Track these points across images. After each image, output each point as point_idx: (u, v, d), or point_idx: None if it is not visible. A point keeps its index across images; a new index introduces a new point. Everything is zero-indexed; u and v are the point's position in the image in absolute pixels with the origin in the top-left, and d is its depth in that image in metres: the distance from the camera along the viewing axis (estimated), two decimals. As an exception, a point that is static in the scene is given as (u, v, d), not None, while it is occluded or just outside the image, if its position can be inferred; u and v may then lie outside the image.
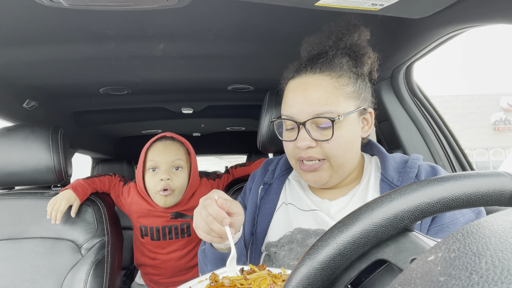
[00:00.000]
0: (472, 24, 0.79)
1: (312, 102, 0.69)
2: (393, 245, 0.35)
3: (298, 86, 0.73)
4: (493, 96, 15.91)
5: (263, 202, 0.83)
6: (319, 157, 0.71)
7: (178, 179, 1.19)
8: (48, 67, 1.17)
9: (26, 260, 1.12)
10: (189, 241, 1.27)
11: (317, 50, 0.77)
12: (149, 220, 1.25)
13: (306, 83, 0.72)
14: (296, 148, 0.72)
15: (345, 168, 0.73)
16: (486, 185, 0.35)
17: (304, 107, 0.70)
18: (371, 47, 0.77)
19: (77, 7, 0.76)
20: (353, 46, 0.75)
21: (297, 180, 0.86)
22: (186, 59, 1.17)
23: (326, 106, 0.69)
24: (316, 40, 0.78)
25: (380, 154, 0.82)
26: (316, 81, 0.71)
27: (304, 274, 0.34)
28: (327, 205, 0.76)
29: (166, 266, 1.27)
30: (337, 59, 0.73)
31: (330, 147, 0.69)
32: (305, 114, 0.70)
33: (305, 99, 0.70)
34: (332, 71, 0.71)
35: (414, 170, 0.74)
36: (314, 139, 0.69)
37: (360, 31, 0.75)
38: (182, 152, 1.22)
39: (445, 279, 0.20)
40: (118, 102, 1.65)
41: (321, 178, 0.73)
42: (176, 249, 1.26)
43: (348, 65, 0.73)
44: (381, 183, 0.74)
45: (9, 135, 1.17)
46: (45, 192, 1.23)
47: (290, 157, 0.76)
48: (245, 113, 2.10)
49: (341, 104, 0.70)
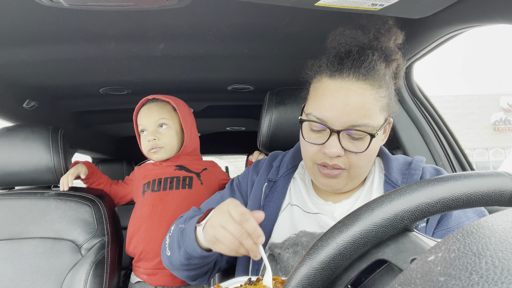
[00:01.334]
0: (472, 24, 0.79)
1: (351, 112, 0.65)
2: (393, 245, 0.35)
3: (339, 91, 0.66)
4: (493, 96, 15.91)
5: (267, 201, 0.81)
6: (342, 166, 0.68)
7: (164, 137, 1.24)
8: (48, 67, 1.17)
9: (26, 260, 1.12)
10: (188, 195, 1.24)
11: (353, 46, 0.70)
12: (154, 173, 1.29)
13: (349, 89, 0.65)
14: (320, 152, 0.69)
15: (361, 177, 0.73)
16: (486, 185, 0.35)
17: (342, 115, 0.65)
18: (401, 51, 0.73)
19: (77, 7, 0.76)
20: (387, 49, 0.70)
21: (302, 179, 0.84)
22: (186, 59, 1.17)
23: (364, 119, 0.65)
24: (352, 34, 0.71)
25: (383, 155, 0.81)
26: (359, 89, 0.65)
27: (304, 274, 0.34)
28: (331, 207, 0.75)
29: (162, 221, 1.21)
30: (379, 66, 0.68)
31: (357, 158, 0.67)
32: (342, 123, 0.65)
33: (345, 107, 0.65)
34: (375, 81, 0.67)
35: (418, 173, 0.73)
36: (344, 149, 0.66)
37: (397, 34, 0.70)
38: (166, 111, 1.26)
39: (445, 279, 0.20)
40: (118, 102, 1.65)
41: (337, 184, 0.71)
42: (174, 199, 1.23)
43: (387, 74, 0.69)
44: (385, 185, 0.74)
45: (9, 135, 1.17)
46: (45, 192, 1.22)
47: (308, 159, 0.72)
48: (245, 113, 2.10)
49: (377, 117, 0.67)
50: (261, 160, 0.92)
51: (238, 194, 0.88)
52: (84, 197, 1.23)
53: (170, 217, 1.20)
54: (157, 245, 1.19)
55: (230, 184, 0.91)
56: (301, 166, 0.87)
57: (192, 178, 1.28)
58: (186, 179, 1.27)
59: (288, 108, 1.09)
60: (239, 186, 0.89)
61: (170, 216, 1.20)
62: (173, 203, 1.22)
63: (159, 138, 1.23)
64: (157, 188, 1.25)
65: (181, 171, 1.29)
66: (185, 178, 1.27)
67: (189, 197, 1.24)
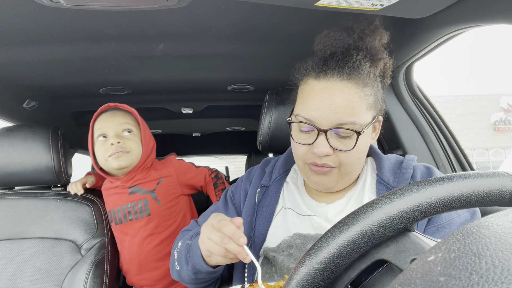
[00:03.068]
0: (472, 24, 0.79)
1: (337, 110, 0.66)
2: (393, 245, 0.35)
3: (324, 91, 0.68)
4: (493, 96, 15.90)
5: (260, 206, 0.82)
6: (332, 165, 0.69)
7: (131, 142, 1.17)
8: (48, 67, 1.17)
9: (26, 260, 1.12)
10: (149, 222, 1.20)
11: (338, 47, 0.72)
12: (112, 200, 1.23)
13: (334, 89, 0.67)
14: (309, 152, 0.70)
15: (352, 175, 0.73)
16: (486, 185, 0.35)
17: (329, 114, 0.67)
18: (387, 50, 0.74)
19: (77, 7, 0.76)
20: (372, 49, 0.72)
21: (294, 182, 0.85)
22: (186, 59, 1.17)
23: (350, 117, 0.66)
24: (336, 36, 0.73)
25: (375, 155, 0.82)
26: (344, 88, 0.67)
27: (304, 274, 0.34)
28: (324, 208, 0.76)
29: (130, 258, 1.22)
30: (363, 65, 0.70)
31: (347, 156, 0.68)
32: (328, 122, 0.67)
33: (330, 106, 0.67)
34: (360, 80, 0.68)
35: (409, 171, 0.74)
36: (333, 147, 0.68)
37: (382, 33, 0.72)
38: (130, 119, 1.21)
39: (445, 279, 0.20)
40: (118, 102, 1.64)
41: (329, 182, 0.72)
42: (137, 232, 1.21)
43: (373, 73, 0.71)
44: (377, 184, 0.74)
45: (9, 135, 1.17)
46: (45, 192, 1.23)
47: (299, 159, 0.74)
48: (245, 113, 2.09)
49: (364, 115, 0.68)
50: (253, 167, 0.94)
51: (231, 205, 0.89)
52: (84, 197, 1.23)
53: (136, 252, 1.21)
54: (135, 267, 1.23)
55: (224, 196, 0.94)
56: (293, 170, 0.88)
57: (147, 202, 1.20)
58: (142, 204, 1.20)
59: (288, 108, 1.09)
60: (232, 197, 0.91)
61: (136, 251, 1.21)
62: (138, 235, 1.21)
63: (124, 142, 1.15)
64: (119, 220, 1.22)
65: (135, 195, 1.21)
66: (140, 204, 1.20)
67: (150, 223, 1.21)
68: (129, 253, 1.22)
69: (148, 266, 1.22)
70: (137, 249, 1.21)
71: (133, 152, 1.17)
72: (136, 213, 1.20)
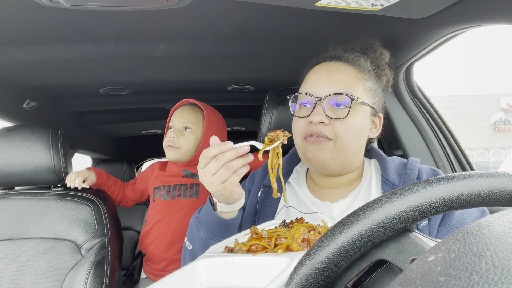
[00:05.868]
0: (472, 24, 0.79)
1: (334, 82, 0.72)
2: (393, 246, 0.35)
3: (322, 68, 0.76)
4: (493, 96, 15.91)
5: (263, 205, 0.83)
6: (328, 135, 0.71)
7: (184, 139, 1.30)
8: (48, 67, 1.17)
9: (26, 261, 1.11)
10: (195, 204, 1.30)
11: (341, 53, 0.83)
12: (163, 179, 1.35)
13: (331, 65, 0.76)
14: (307, 125, 0.74)
15: (348, 155, 0.73)
16: (486, 185, 0.35)
17: (326, 86, 0.73)
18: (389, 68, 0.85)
19: (77, 7, 0.76)
20: (373, 61, 0.81)
21: (297, 183, 0.85)
22: (186, 59, 1.17)
23: (347, 88, 0.72)
24: (341, 47, 0.84)
25: (379, 156, 0.83)
26: (341, 66, 0.75)
27: (304, 274, 0.34)
28: (328, 207, 0.76)
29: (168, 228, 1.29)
30: (362, 60, 0.78)
31: (342, 127, 0.71)
32: (325, 92, 0.72)
33: (327, 79, 0.73)
34: (357, 66, 0.76)
35: (414, 172, 0.75)
36: (328, 117, 0.71)
37: (382, 52, 0.82)
38: (195, 117, 1.32)
39: (445, 280, 0.20)
40: (118, 102, 1.65)
41: (325, 157, 0.72)
42: (181, 209, 1.30)
43: (371, 68, 0.78)
44: (383, 185, 0.75)
45: (9, 135, 1.17)
46: (45, 192, 1.22)
47: (298, 136, 0.77)
48: (245, 113, 2.10)
49: (360, 92, 0.73)
50: (256, 170, 0.95)
51: None
52: (84, 197, 1.23)
53: (176, 225, 1.29)
54: (162, 251, 1.29)
55: None
56: (295, 171, 0.89)
57: (199, 186, 1.32)
58: (193, 187, 1.33)
59: (288, 108, 1.08)
60: None
61: (176, 225, 1.29)
62: (180, 212, 1.30)
63: (178, 138, 1.29)
64: (166, 195, 1.32)
65: (188, 178, 1.33)
66: (192, 186, 1.32)
67: (195, 206, 1.29)
68: (167, 225, 1.30)
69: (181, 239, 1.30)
70: (177, 223, 1.29)
71: (182, 149, 1.29)
72: (186, 192, 1.32)
